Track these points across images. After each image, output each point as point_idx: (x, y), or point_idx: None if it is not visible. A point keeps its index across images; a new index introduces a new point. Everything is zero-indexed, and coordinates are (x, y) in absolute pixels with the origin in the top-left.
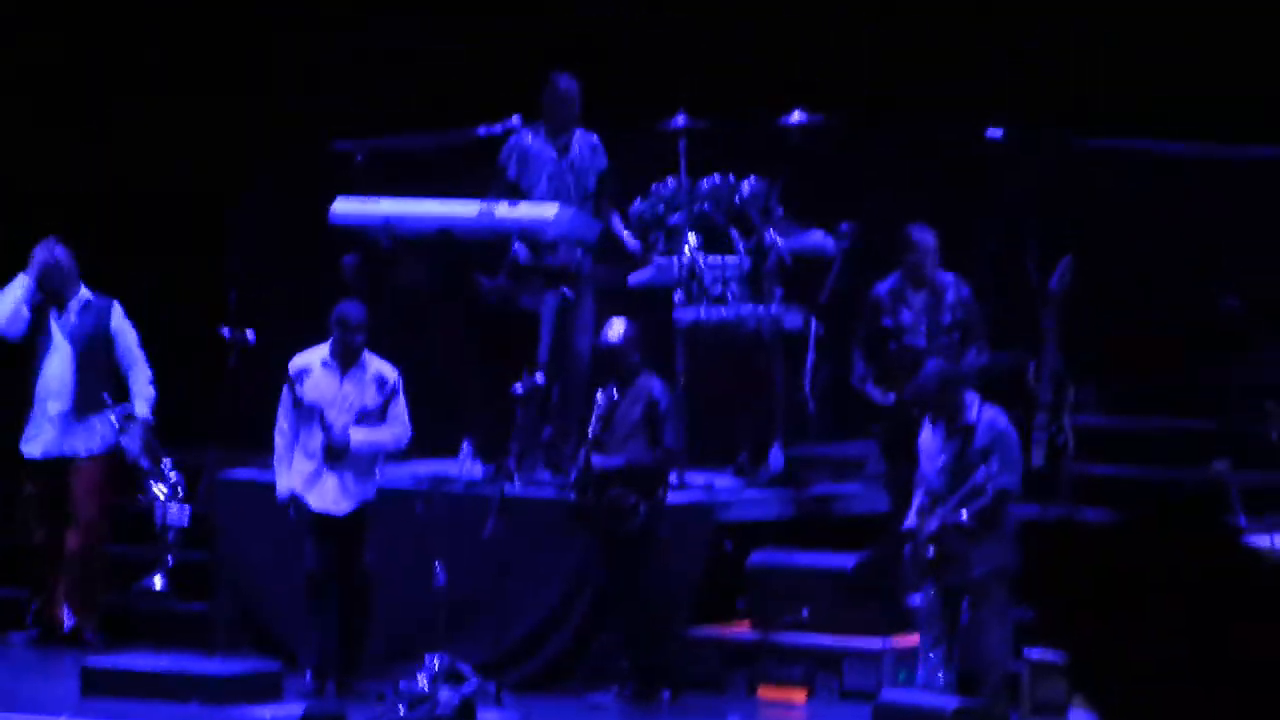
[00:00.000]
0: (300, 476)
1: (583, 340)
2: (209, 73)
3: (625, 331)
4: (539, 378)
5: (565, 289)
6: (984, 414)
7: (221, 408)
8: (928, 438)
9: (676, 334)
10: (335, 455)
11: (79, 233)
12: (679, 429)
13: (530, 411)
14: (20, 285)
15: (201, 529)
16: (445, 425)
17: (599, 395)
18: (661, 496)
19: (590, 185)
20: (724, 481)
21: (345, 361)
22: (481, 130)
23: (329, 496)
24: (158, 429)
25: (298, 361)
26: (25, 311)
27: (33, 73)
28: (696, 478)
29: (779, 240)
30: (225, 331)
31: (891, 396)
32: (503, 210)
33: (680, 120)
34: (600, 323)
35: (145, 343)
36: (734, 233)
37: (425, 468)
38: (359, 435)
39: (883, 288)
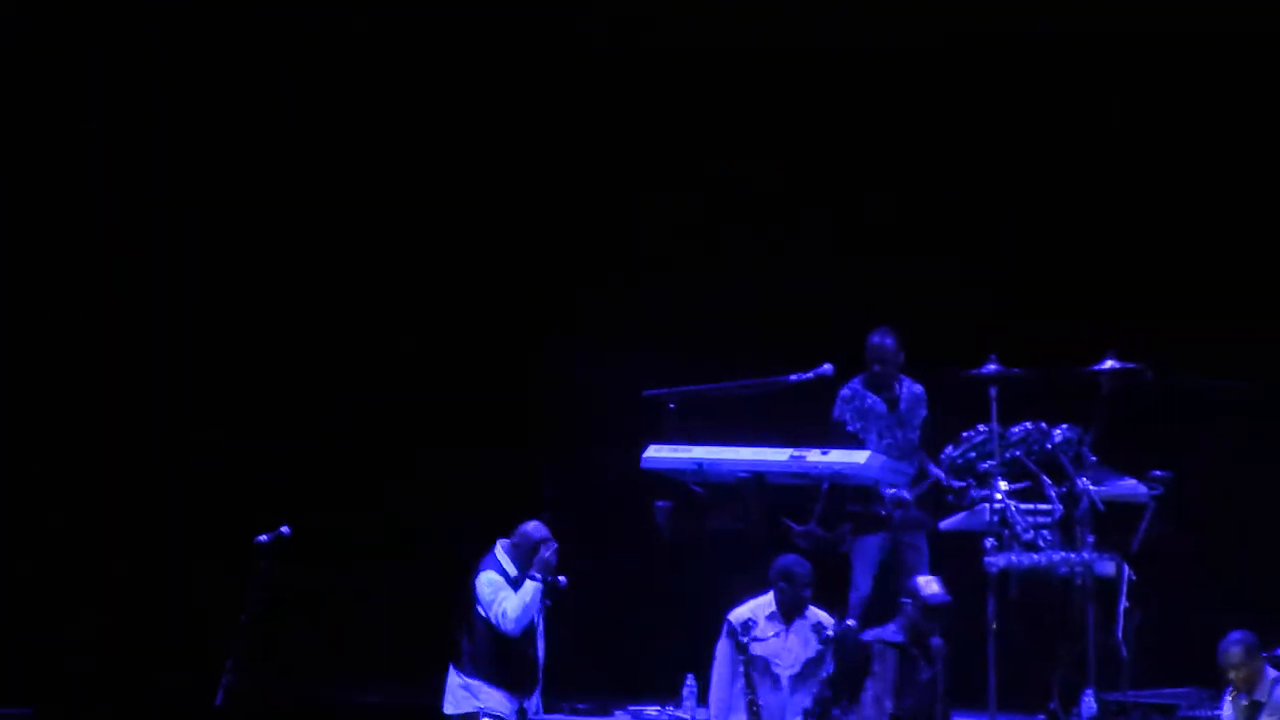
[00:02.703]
0: None
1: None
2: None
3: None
4: (851, 623)
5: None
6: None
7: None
8: (1229, 711)
9: (988, 580)
10: None
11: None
12: None
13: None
14: (532, 590)
15: None
16: None
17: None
18: None
19: (915, 436)
20: None
21: (789, 614)
22: (793, 378)
23: None
24: None
25: (741, 613)
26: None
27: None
28: None
29: (1091, 487)
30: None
31: None
32: (814, 456)
33: (992, 367)
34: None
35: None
36: (1045, 479)
37: None
38: None
39: None
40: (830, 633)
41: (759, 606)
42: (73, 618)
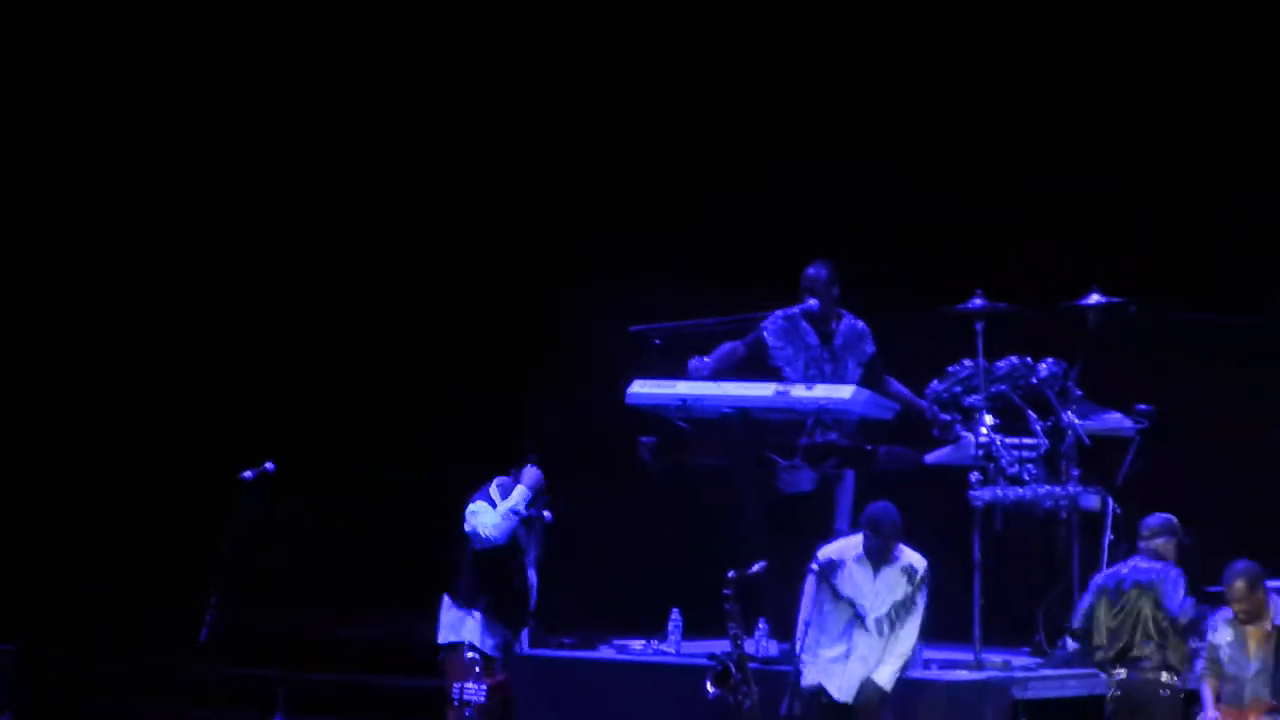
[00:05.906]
0: (820, 665)
1: (842, 522)
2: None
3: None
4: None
5: None
6: None
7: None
8: (1231, 638)
9: (973, 514)
10: (870, 697)
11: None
12: None
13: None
14: (507, 511)
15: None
16: (741, 604)
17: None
18: None
19: (849, 373)
20: (1021, 659)
21: (876, 560)
22: (780, 313)
23: (849, 686)
24: None
25: (829, 552)
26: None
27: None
28: (993, 656)
29: (1076, 421)
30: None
31: None
32: (799, 391)
33: (977, 302)
34: (861, 503)
35: (435, 522)
36: (1031, 414)
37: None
38: (887, 675)
39: None
40: (921, 574)
41: (848, 547)
42: (57, 555)
